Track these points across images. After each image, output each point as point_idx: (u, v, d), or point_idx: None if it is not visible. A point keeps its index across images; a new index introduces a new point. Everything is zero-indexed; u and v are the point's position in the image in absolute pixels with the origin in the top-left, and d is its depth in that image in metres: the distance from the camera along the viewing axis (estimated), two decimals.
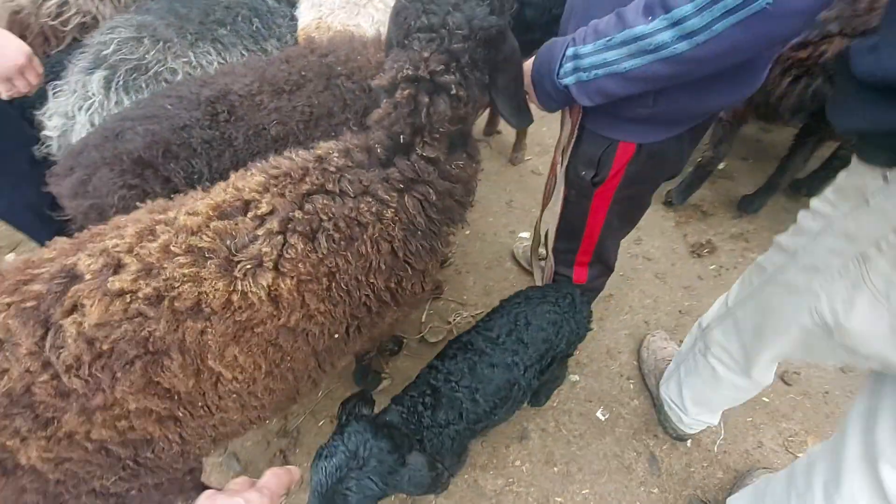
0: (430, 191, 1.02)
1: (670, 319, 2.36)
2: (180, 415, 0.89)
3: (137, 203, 1.02)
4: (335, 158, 0.97)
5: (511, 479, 1.88)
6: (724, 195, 2.98)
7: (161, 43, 1.55)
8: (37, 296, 0.78)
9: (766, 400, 2.10)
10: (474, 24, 0.95)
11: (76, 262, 0.82)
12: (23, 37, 1.64)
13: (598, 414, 2.05)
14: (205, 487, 1.54)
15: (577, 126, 1.25)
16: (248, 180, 0.94)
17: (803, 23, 0.76)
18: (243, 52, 1.73)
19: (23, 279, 0.80)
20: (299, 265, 0.87)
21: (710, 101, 1.08)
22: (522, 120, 1.16)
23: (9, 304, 0.77)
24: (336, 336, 1.01)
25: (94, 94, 1.44)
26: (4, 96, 1.34)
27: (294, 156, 0.99)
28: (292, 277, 0.87)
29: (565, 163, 1.36)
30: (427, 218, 1.03)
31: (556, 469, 1.91)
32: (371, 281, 0.99)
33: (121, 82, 1.46)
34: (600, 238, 1.58)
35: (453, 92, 0.96)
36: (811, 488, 1.15)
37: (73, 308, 0.79)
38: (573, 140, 1.28)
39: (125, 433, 0.84)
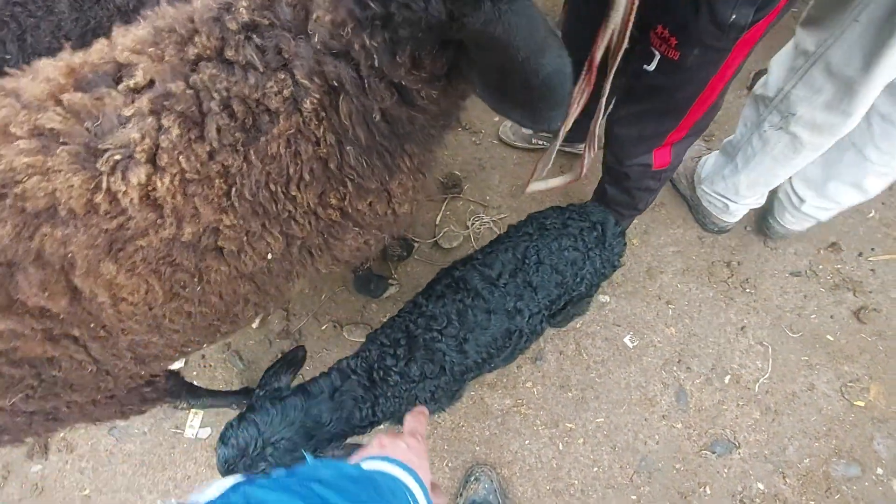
0: (376, 109, 0.69)
1: (732, 238, 1.98)
2: (77, 333, 0.74)
3: None
4: (244, 10, 0.65)
5: (520, 400, 1.76)
6: None
7: None
8: None
9: (831, 338, 1.78)
10: None
11: None
12: None
13: (626, 340, 1.82)
14: (191, 387, 1.53)
15: None
16: (129, 35, 0.68)
17: None
18: None
19: None
20: (179, 158, 0.63)
21: None
22: (543, 119, 0.71)
23: None
24: (270, 257, 0.79)
25: None
26: None
27: (194, 1, 0.69)
28: (172, 175, 0.64)
29: (679, 16, 0.96)
30: (368, 133, 0.72)
31: (570, 395, 1.76)
32: (293, 194, 0.73)
33: None
34: (716, 101, 1.18)
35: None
36: None
37: None
38: None
39: (8, 353, 0.71)
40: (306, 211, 0.76)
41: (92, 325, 0.73)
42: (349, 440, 1.05)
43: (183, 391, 1.39)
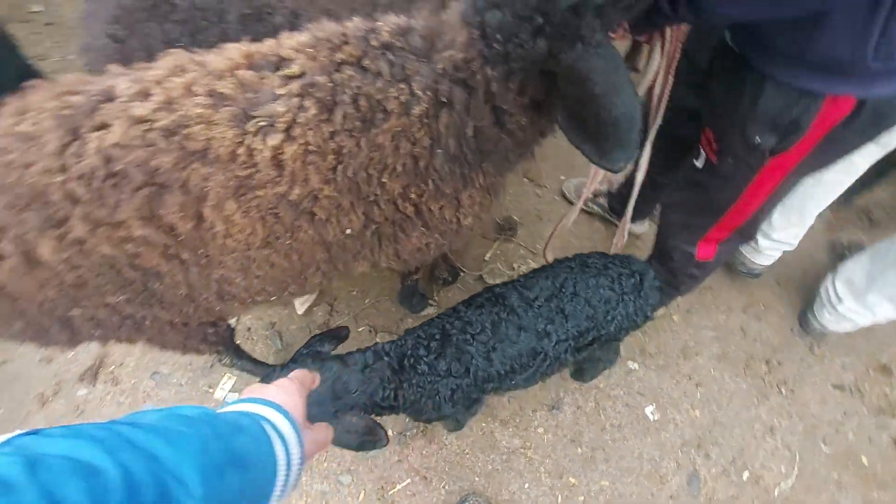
0: (470, 125, 0.86)
1: (776, 336, 1.96)
2: (185, 256, 0.90)
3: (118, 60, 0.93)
4: (385, 34, 0.85)
5: (529, 444, 1.78)
6: None
7: None
8: (74, 106, 0.81)
9: (865, 462, 1.70)
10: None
11: (116, 84, 0.84)
12: None
13: (648, 411, 1.82)
14: (238, 348, 1.68)
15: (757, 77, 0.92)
16: (293, 37, 0.88)
17: None
18: None
19: (70, 91, 0.84)
20: (308, 132, 0.80)
21: None
22: (608, 156, 0.83)
23: (51, 109, 0.81)
24: (349, 232, 0.94)
25: None
26: None
27: (348, 21, 0.89)
28: (300, 144, 0.80)
29: (721, 124, 1.06)
30: (458, 144, 0.88)
31: (579, 450, 1.76)
32: (384, 180, 0.89)
33: None
34: (756, 213, 1.24)
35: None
36: None
37: (102, 125, 0.81)
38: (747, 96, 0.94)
39: (133, 258, 0.88)
40: (389, 199, 0.92)
41: (199, 252, 0.90)
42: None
43: (232, 347, 1.55)
